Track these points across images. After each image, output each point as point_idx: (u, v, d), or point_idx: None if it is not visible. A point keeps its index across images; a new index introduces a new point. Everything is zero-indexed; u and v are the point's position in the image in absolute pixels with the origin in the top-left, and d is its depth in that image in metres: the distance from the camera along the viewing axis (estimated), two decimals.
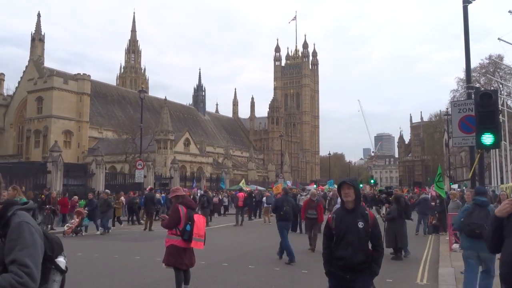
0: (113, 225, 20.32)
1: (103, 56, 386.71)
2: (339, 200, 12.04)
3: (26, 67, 65.16)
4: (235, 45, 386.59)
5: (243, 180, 36.21)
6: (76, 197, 20.78)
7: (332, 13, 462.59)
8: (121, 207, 21.55)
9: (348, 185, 4.22)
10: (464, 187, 24.25)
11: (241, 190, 30.96)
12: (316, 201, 13.25)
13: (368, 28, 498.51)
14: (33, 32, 64.76)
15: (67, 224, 17.67)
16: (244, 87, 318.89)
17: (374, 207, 24.31)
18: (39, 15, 65.58)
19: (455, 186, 37.48)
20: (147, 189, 24.99)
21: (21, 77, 65.27)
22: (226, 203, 31.04)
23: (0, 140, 64.96)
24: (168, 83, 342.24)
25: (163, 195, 25.27)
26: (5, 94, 67.49)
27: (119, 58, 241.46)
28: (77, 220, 17.23)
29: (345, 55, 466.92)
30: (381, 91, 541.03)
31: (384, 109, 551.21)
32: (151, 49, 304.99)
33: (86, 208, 18.12)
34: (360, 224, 4.14)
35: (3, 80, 67.33)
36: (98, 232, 17.93)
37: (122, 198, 22.53)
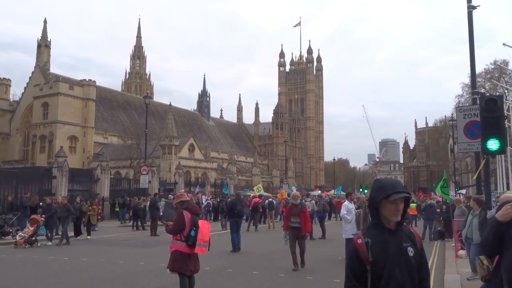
0: (88, 234, 18.11)
1: (107, 62, 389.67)
2: (346, 207, 11.55)
3: (32, 73, 65.68)
4: (238, 50, 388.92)
5: (260, 185, 35.36)
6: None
7: (335, 16, 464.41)
8: (95, 214, 19.19)
9: (402, 198, 2.66)
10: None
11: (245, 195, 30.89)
12: (300, 207, 10.58)
13: (371, 31, 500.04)
14: (39, 38, 65.35)
15: (20, 234, 15.36)
16: (248, 92, 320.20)
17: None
18: (45, 22, 66.20)
19: (463, 191, 36.94)
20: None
21: (27, 83, 65.77)
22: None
23: (6, 146, 65.35)
24: (172, 88, 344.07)
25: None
26: (11, 99, 67.97)
27: (123, 64, 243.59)
28: (32, 228, 15.10)
29: (348, 59, 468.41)
30: (385, 95, 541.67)
31: (387, 114, 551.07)
32: (154, 53, 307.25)
33: (43, 216, 16.16)
34: (410, 251, 2.70)
35: (9, 85, 67.83)
36: (50, 243, 15.68)
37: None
